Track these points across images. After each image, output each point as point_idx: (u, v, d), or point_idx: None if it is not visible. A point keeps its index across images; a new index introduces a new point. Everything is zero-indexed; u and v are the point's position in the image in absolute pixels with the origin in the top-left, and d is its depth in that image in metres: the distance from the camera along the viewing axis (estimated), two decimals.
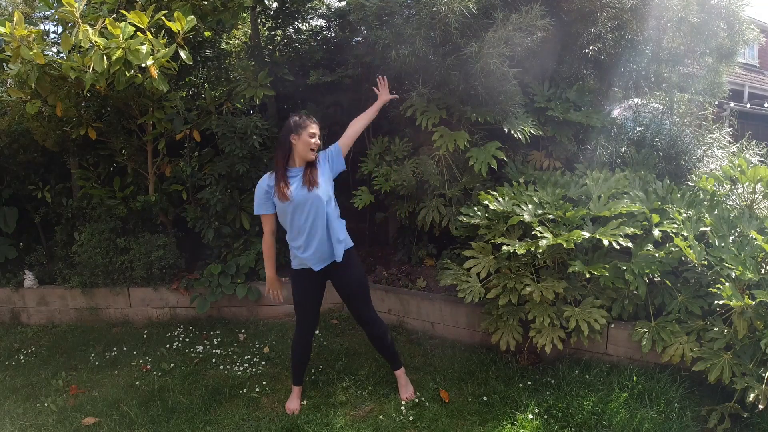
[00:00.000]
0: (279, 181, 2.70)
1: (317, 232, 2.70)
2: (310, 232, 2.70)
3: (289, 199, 2.66)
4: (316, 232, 2.71)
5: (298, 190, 2.67)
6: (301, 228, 2.71)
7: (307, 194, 2.67)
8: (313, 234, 2.71)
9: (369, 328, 2.95)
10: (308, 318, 2.90)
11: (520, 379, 3.09)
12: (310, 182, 2.68)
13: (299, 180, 2.70)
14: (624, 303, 3.11)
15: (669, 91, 4.13)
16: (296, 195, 2.67)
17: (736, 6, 3.83)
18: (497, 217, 3.27)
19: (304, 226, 2.70)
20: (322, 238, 2.72)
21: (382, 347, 3.00)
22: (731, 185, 3.50)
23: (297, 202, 2.67)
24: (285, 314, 4.29)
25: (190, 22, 3.19)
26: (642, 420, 2.63)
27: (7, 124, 4.43)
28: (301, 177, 2.71)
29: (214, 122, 4.19)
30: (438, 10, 3.18)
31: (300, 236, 2.73)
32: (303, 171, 2.73)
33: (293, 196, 2.66)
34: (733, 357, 2.65)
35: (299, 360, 2.96)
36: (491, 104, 3.56)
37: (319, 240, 2.72)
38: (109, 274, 4.33)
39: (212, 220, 4.32)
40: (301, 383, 3.02)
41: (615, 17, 3.67)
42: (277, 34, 4.95)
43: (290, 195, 2.66)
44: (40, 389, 3.35)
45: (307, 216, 2.69)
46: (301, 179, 2.70)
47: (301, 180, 2.70)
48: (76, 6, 2.99)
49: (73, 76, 2.99)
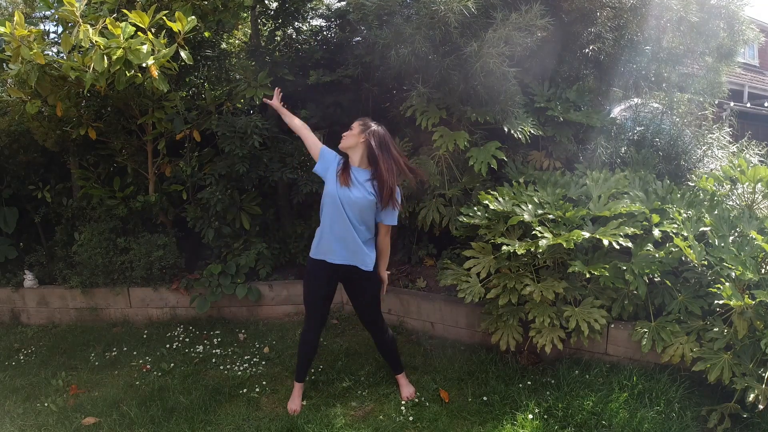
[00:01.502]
0: (347, 168, 2.76)
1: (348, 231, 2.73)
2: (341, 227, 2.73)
3: (347, 185, 2.70)
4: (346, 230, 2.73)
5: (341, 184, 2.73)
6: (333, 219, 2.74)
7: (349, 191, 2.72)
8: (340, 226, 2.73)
9: (375, 333, 3.01)
10: (317, 314, 2.91)
11: (520, 379, 3.09)
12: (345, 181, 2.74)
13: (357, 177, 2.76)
14: (624, 303, 3.11)
15: (669, 91, 4.13)
16: (344, 186, 2.72)
17: (736, 6, 3.83)
18: (497, 217, 3.27)
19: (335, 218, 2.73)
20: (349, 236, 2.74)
21: (385, 351, 3.05)
22: (731, 185, 3.50)
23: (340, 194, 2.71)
24: (285, 314, 4.29)
25: (191, 22, 3.19)
26: (642, 420, 2.63)
27: (7, 124, 4.43)
28: (362, 177, 2.76)
29: (214, 122, 4.19)
30: (438, 10, 3.18)
31: (324, 222, 2.78)
32: (368, 172, 2.77)
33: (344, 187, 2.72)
34: (733, 357, 2.65)
35: (305, 354, 2.97)
36: (491, 104, 3.56)
37: (344, 232, 2.73)
38: (109, 274, 4.33)
39: (212, 220, 4.32)
40: (303, 380, 3.02)
41: (615, 17, 3.67)
42: (277, 34, 4.95)
43: (349, 182, 2.71)
44: (40, 389, 3.35)
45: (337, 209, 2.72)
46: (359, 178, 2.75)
47: (357, 178, 2.75)
48: (76, 6, 2.99)
49: (73, 76, 2.99)
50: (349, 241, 2.74)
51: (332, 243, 2.76)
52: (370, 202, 2.72)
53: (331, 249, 2.77)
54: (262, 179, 4.42)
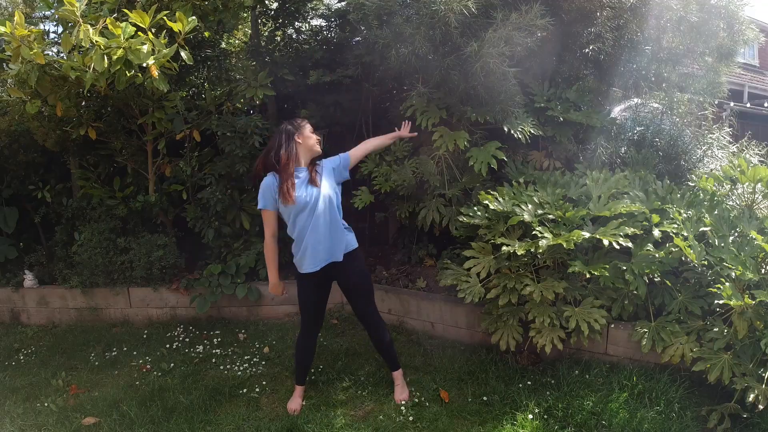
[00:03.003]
0: (285, 181, 2.68)
1: (318, 230, 2.70)
2: (312, 230, 2.70)
3: (294, 203, 2.66)
4: (317, 230, 2.70)
5: (302, 190, 2.68)
6: (302, 227, 2.70)
7: (311, 191, 2.69)
8: (313, 232, 2.70)
9: (370, 329, 2.97)
10: (312, 320, 2.91)
11: (520, 379, 3.09)
12: (314, 181, 2.72)
13: (305, 179, 2.72)
14: (624, 303, 3.11)
15: (669, 91, 4.13)
16: (300, 196, 2.67)
17: (736, 6, 3.82)
18: (497, 217, 3.27)
19: (306, 225, 2.69)
20: (321, 237, 2.71)
21: (382, 348, 3.01)
22: (731, 185, 3.50)
23: (301, 203, 2.67)
24: (285, 314, 4.29)
25: (191, 22, 3.19)
26: (642, 420, 2.63)
27: (7, 124, 4.43)
28: (306, 176, 2.73)
29: (214, 122, 4.19)
30: (438, 10, 3.18)
31: (299, 239, 2.74)
32: (307, 170, 2.75)
33: (297, 199, 2.66)
34: (733, 357, 2.65)
35: (301, 361, 2.97)
36: (491, 104, 3.55)
37: (316, 239, 2.70)
38: (109, 274, 4.33)
39: (212, 220, 4.32)
40: (303, 383, 3.03)
41: (615, 17, 3.66)
42: (278, 34, 4.96)
43: (295, 198, 2.66)
44: (40, 389, 3.35)
45: (308, 214, 2.69)
46: (306, 179, 2.72)
47: (306, 179, 2.72)
48: (76, 6, 2.99)
49: (73, 75, 2.99)
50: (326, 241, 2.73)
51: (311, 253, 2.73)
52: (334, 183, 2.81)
53: (312, 261, 2.74)
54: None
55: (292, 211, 2.70)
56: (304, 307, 2.88)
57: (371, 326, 2.95)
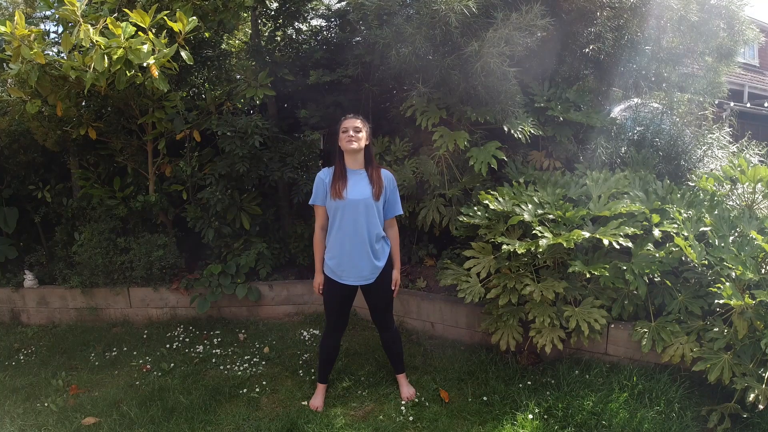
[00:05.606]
0: (337, 179, 2.74)
1: (358, 236, 2.72)
2: (353, 234, 2.72)
3: (344, 198, 2.70)
4: (357, 236, 2.72)
5: (353, 189, 2.72)
6: (344, 229, 2.73)
7: (362, 192, 2.72)
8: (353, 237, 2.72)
9: (384, 333, 3.01)
10: (339, 321, 2.94)
11: (520, 379, 3.09)
12: (373, 182, 2.75)
13: (357, 179, 2.75)
14: (624, 303, 3.11)
15: (669, 91, 4.13)
16: (350, 194, 2.71)
17: (736, 6, 3.83)
18: (497, 217, 3.27)
19: (347, 227, 2.72)
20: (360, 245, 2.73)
21: (391, 353, 3.06)
22: (731, 185, 3.50)
23: (348, 200, 2.70)
24: (285, 314, 4.29)
25: (191, 22, 3.19)
26: (642, 420, 2.63)
27: (7, 124, 4.43)
28: (361, 177, 2.76)
29: (214, 122, 4.19)
30: (438, 10, 3.18)
31: (336, 241, 2.77)
32: (365, 173, 2.78)
33: (347, 195, 2.70)
34: (733, 357, 2.65)
35: (325, 359, 3.00)
36: (491, 104, 3.56)
37: (354, 246, 2.73)
38: (109, 274, 4.33)
39: (212, 220, 4.32)
40: (326, 381, 3.05)
41: (615, 17, 3.67)
42: (278, 35, 4.95)
43: (345, 194, 2.70)
44: (40, 389, 3.35)
45: (355, 216, 2.71)
46: (359, 179, 2.76)
47: (358, 180, 2.75)
48: (77, 5, 2.99)
49: (73, 75, 2.99)
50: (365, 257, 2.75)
51: (349, 265, 2.76)
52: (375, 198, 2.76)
53: (349, 272, 2.78)
54: (262, 179, 4.42)
55: (339, 206, 2.74)
56: (331, 308, 2.91)
57: (385, 332, 3.00)
